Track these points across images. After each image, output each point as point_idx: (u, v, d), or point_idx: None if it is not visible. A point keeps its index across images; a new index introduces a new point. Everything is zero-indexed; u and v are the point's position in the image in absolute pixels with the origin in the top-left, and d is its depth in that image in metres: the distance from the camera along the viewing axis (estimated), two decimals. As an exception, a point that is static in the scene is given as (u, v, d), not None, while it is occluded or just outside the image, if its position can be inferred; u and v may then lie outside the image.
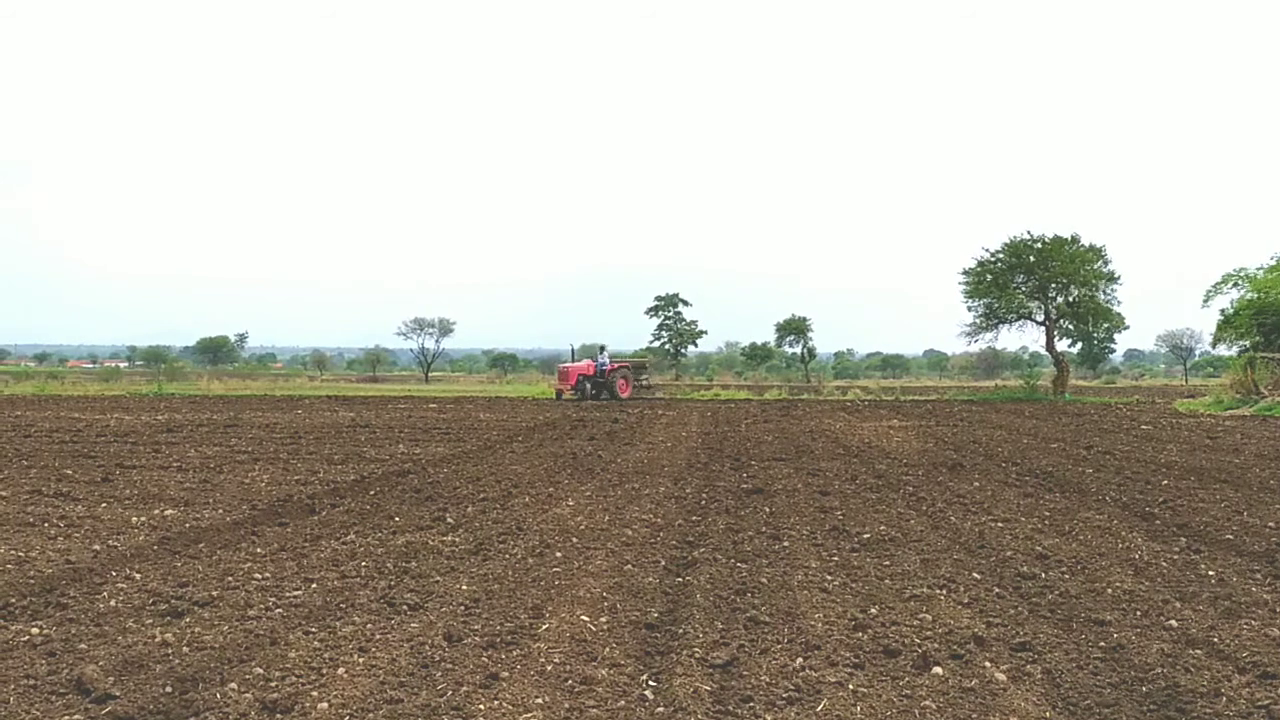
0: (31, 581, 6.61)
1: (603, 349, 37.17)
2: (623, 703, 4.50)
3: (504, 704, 4.43)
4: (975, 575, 7.03)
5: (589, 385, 35.06)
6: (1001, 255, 40.09)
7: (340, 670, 4.84)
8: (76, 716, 4.29)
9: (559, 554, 7.60)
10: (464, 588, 6.49)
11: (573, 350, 38.21)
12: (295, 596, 6.28)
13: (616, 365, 36.58)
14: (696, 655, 5.11)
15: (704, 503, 10.34)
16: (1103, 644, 5.36)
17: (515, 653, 5.16)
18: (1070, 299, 40.00)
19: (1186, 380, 74.55)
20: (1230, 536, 8.46)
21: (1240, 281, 33.26)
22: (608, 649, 5.23)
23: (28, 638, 5.38)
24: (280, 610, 5.94)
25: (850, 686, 4.70)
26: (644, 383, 38.69)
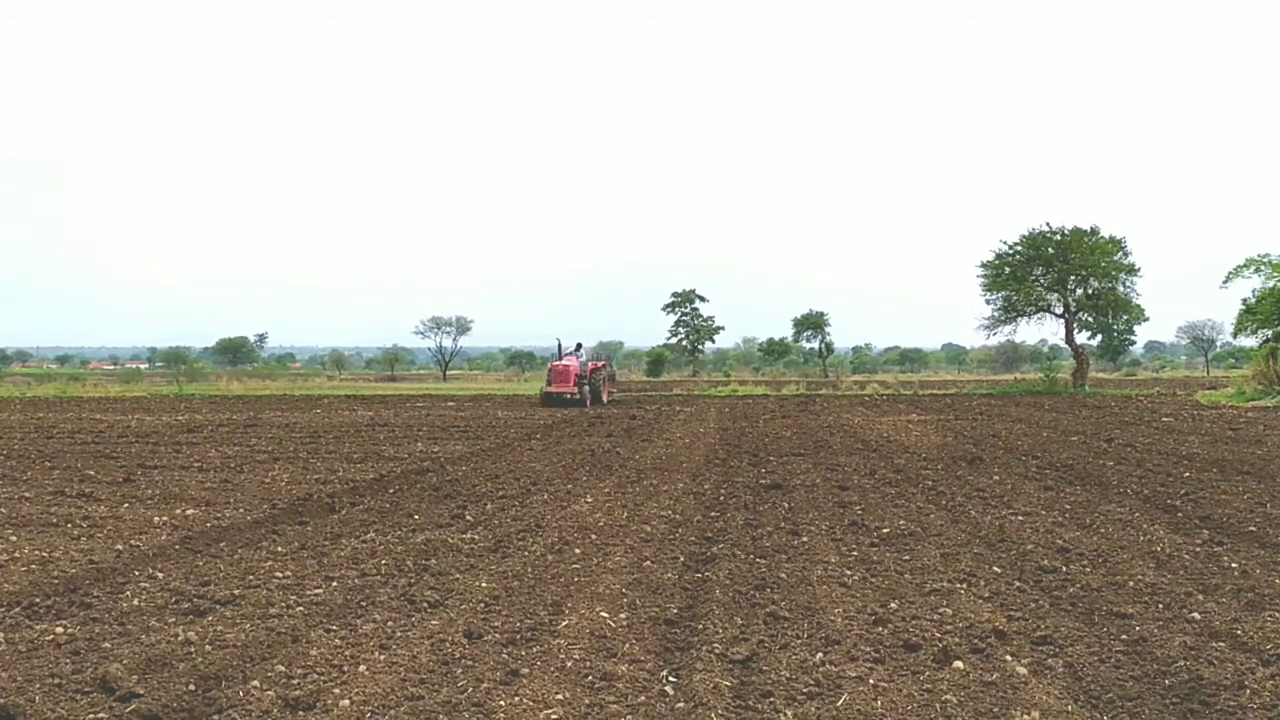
0: (55, 581, 6.67)
1: (579, 346, 31.76)
2: (643, 698, 4.50)
3: (524, 700, 4.45)
4: (996, 569, 7.00)
5: (587, 387, 29.66)
6: (1020, 248, 39.85)
7: (361, 668, 4.86)
8: (101, 715, 4.33)
9: (578, 551, 7.62)
10: (484, 585, 6.52)
11: (559, 344, 31.83)
12: (316, 595, 6.31)
13: (597, 365, 31.52)
14: (716, 651, 5.11)
15: (722, 498, 10.33)
16: (1125, 637, 5.33)
17: (535, 649, 5.17)
18: (1090, 291, 39.70)
19: (1208, 372, 73.90)
20: (1253, 528, 8.39)
21: (1262, 267, 32.83)
22: (627, 645, 5.24)
23: (52, 637, 5.44)
24: (301, 608, 5.97)
25: (871, 681, 4.69)
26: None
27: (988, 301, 40.85)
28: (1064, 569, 6.95)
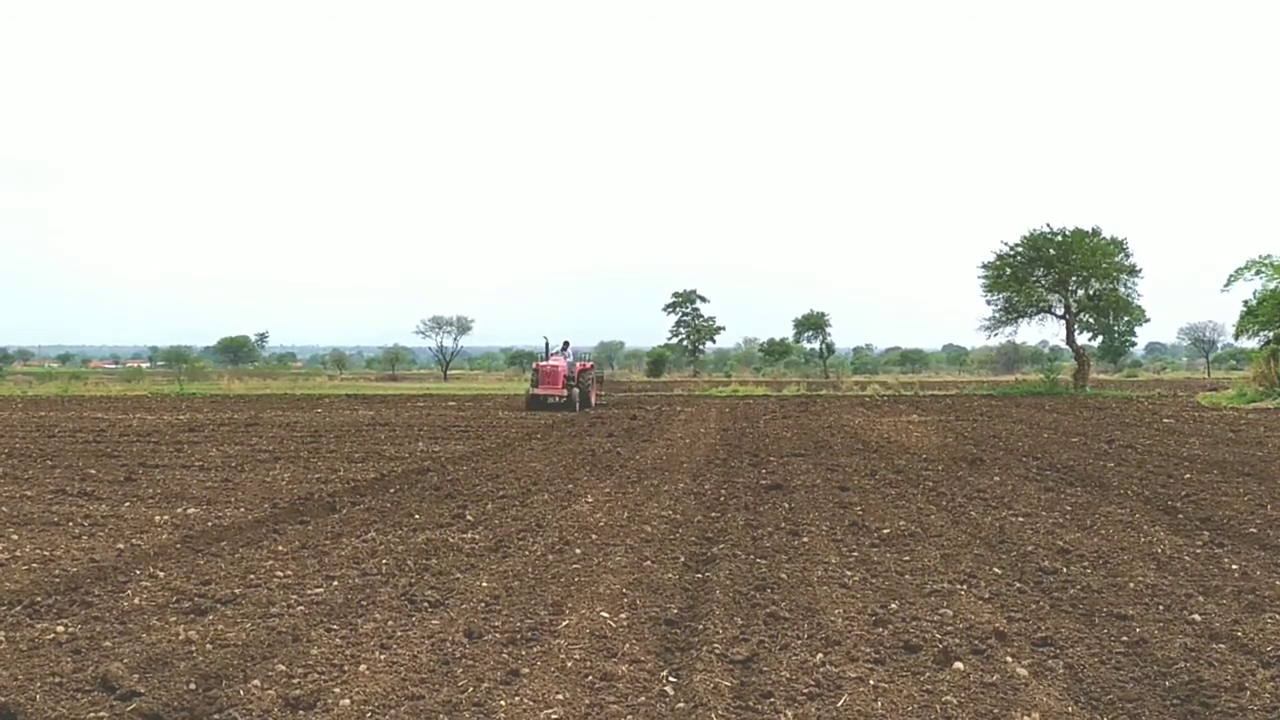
0: (57, 580, 6.68)
1: (566, 345, 29.46)
2: (643, 699, 4.51)
3: (525, 700, 4.45)
4: (996, 570, 7.00)
5: (576, 389, 27.44)
6: (1021, 249, 39.88)
7: (362, 667, 4.87)
8: (102, 713, 4.34)
9: (578, 551, 7.62)
10: (484, 585, 6.52)
11: (546, 343, 29.82)
12: (317, 594, 6.32)
13: (585, 365, 29.28)
14: (717, 651, 5.11)
15: (723, 499, 10.33)
16: (1125, 638, 5.33)
17: (536, 649, 5.18)
18: (1091, 292, 39.72)
19: (1209, 373, 73.84)
20: (1254, 530, 8.39)
21: (1264, 269, 32.84)
22: (628, 645, 5.24)
23: (53, 636, 5.44)
24: (302, 608, 5.98)
25: (871, 682, 4.70)
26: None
27: (989, 302, 40.96)
28: (1064, 570, 6.95)
